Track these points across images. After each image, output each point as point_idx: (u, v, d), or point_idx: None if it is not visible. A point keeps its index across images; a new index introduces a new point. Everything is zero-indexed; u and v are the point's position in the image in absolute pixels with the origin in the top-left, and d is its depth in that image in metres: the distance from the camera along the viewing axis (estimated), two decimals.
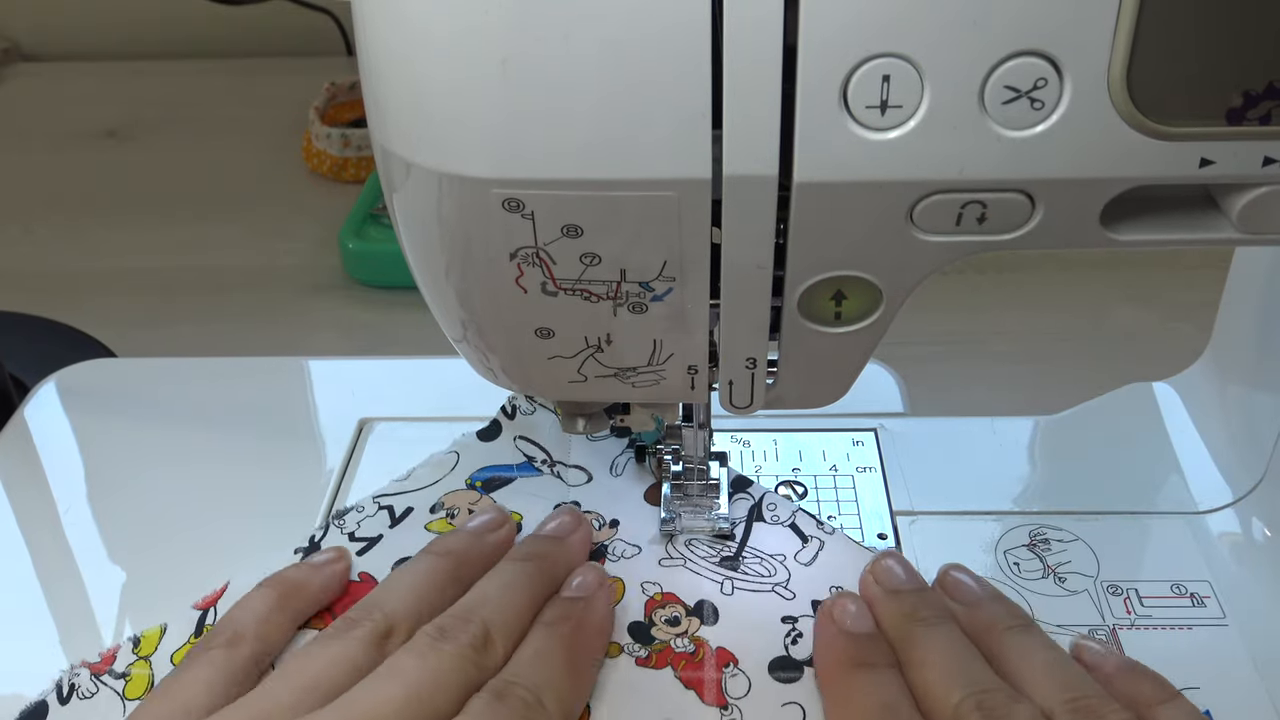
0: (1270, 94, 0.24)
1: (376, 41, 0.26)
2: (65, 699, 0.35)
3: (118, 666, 0.36)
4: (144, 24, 0.97)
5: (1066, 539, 0.42)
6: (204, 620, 0.38)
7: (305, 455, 0.47)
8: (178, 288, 0.67)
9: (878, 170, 0.25)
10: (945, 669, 0.34)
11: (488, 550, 0.38)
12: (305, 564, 0.39)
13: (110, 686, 0.36)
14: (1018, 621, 0.37)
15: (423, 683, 0.32)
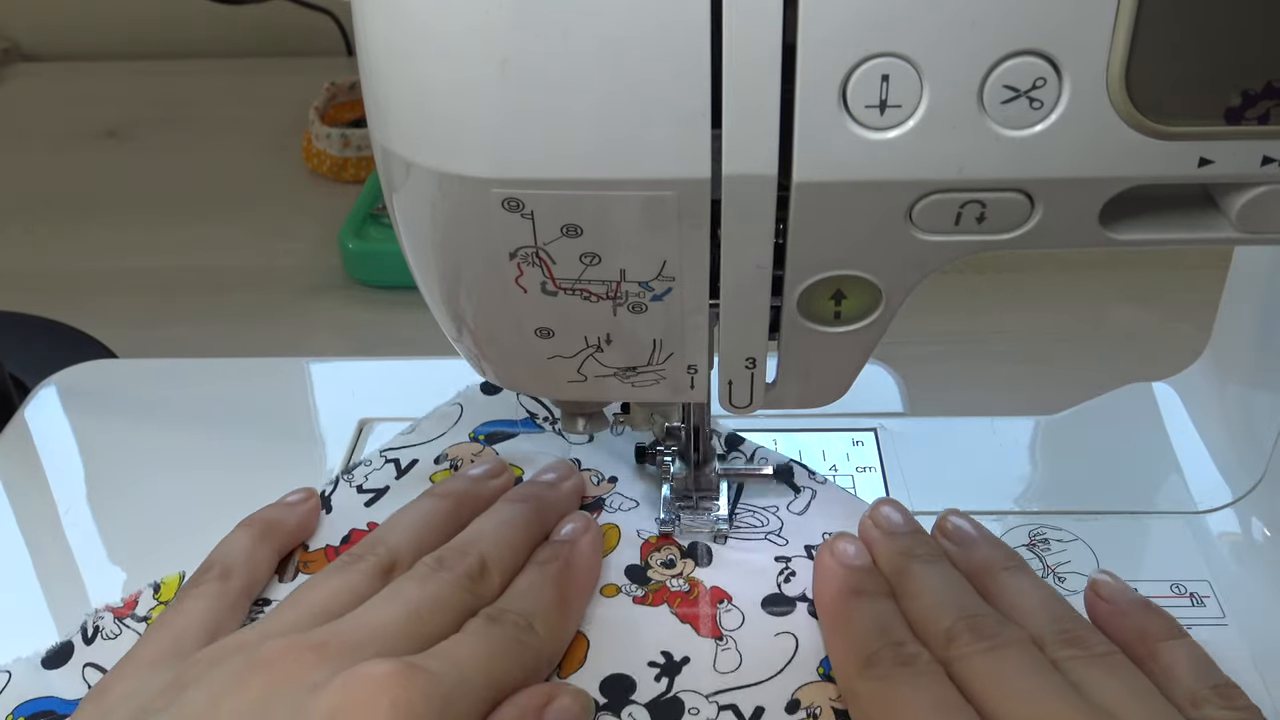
0: (1269, 93, 0.24)
1: (376, 41, 0.26)
2: (90, 640, 0.37)
3: (139, 610, 0.39)
4: (144, 24, 0.97)
5: (1066, 539, 0.42)
6: None
7: (305, 456, 0.47)
8: (178, 288, 0.67)
9: (877, 170, 0.25)
10: (938, 599, 0.36)
11: (485, 494, 0.40)
12: (279, 503, 0.41)
13: (132, 629, 0.38)
14: (1012, 562, 0.38)
15: (422, 603, 0.34)
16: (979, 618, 0.35)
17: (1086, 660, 0.34)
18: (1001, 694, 0.32)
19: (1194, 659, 0.35)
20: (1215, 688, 0.34)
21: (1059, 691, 0.32)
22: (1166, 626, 0.36)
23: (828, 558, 0.38)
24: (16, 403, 0.50)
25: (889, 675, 0.33)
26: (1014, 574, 0.38)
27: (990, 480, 0.44)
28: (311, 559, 0.40)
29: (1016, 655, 0.33)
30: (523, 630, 0.34)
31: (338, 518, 0.42)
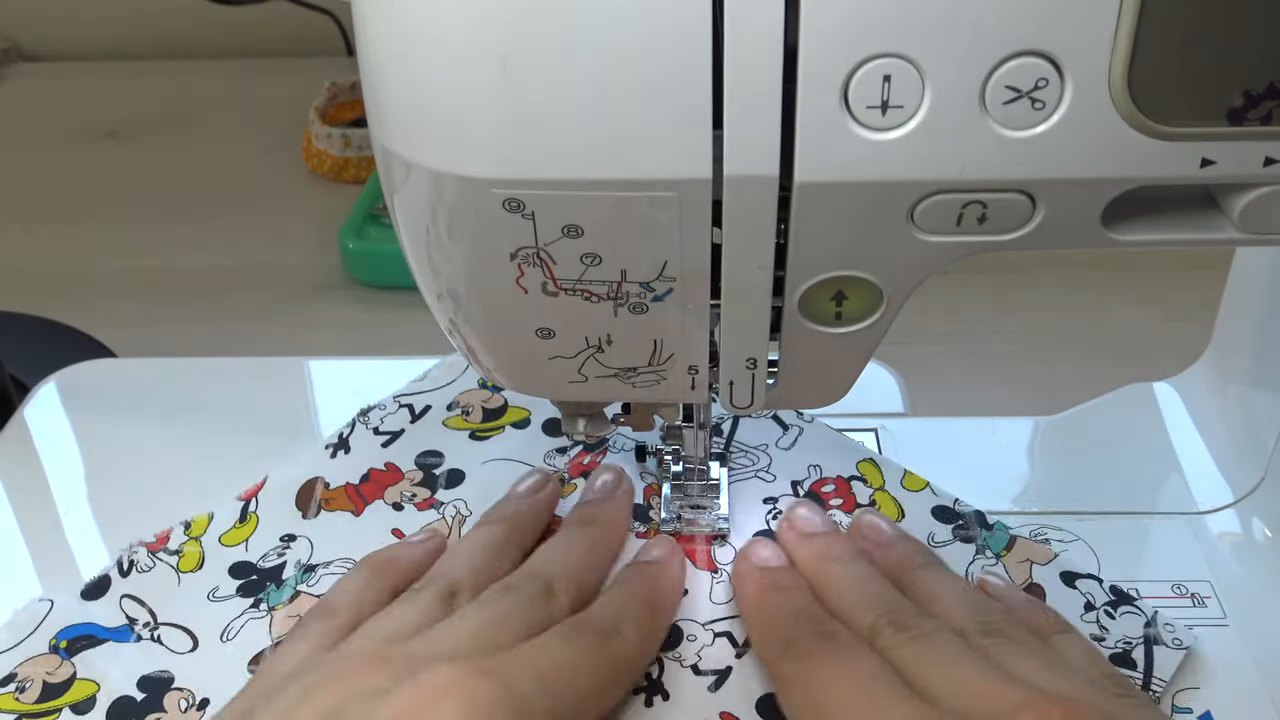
0: (1271, 94, 0.24)
1: (376, 41, 0.26)
2: (125, 573, 0.40)
3: (171, 545, 0.41)
4: (144, 24, 0.97)
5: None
6: (246, 508, 0.43)
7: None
8: (178, 288, 0.67)
9: (878, 170, 0.25)
10: (858, 596, 0.36)
11: (539, 510, 0.41)
12: (401, 543, 0.41)
13: (165, 562, 0.41)
14: (928, 559, 0.39)
15: (489, 621, 0.33)
16: (899, 611, 0.35)
17: (1012, 645, 0.34)
18: (929, 673, 0.32)
19: (1086, 649, 0.35)
20: (1109, 675, 0.34)
21: (984, 667, 0.32)
22: (1057, 621, 0.37)
23: (744, 564, 0.39)
24: (16, 403, 0.50)
25: (809, 652, 0.33)
26: (930, 569, 0.38)
27: (990, 480, 0.44)
28: (333, 496, 0.43)
29: (940, 642, 0.33)
30: (610, 635, 0.34)
31: (356, 458, 0.45)
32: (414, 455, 0.45)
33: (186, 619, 0.38)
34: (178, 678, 0.37)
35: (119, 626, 0.38)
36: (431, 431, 0.46)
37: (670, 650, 0.37)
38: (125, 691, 0.36)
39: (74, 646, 0.37)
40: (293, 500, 0.43)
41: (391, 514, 0.42)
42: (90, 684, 0.36)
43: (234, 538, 0.41)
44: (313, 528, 0.42)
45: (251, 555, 0.41)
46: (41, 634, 0.38)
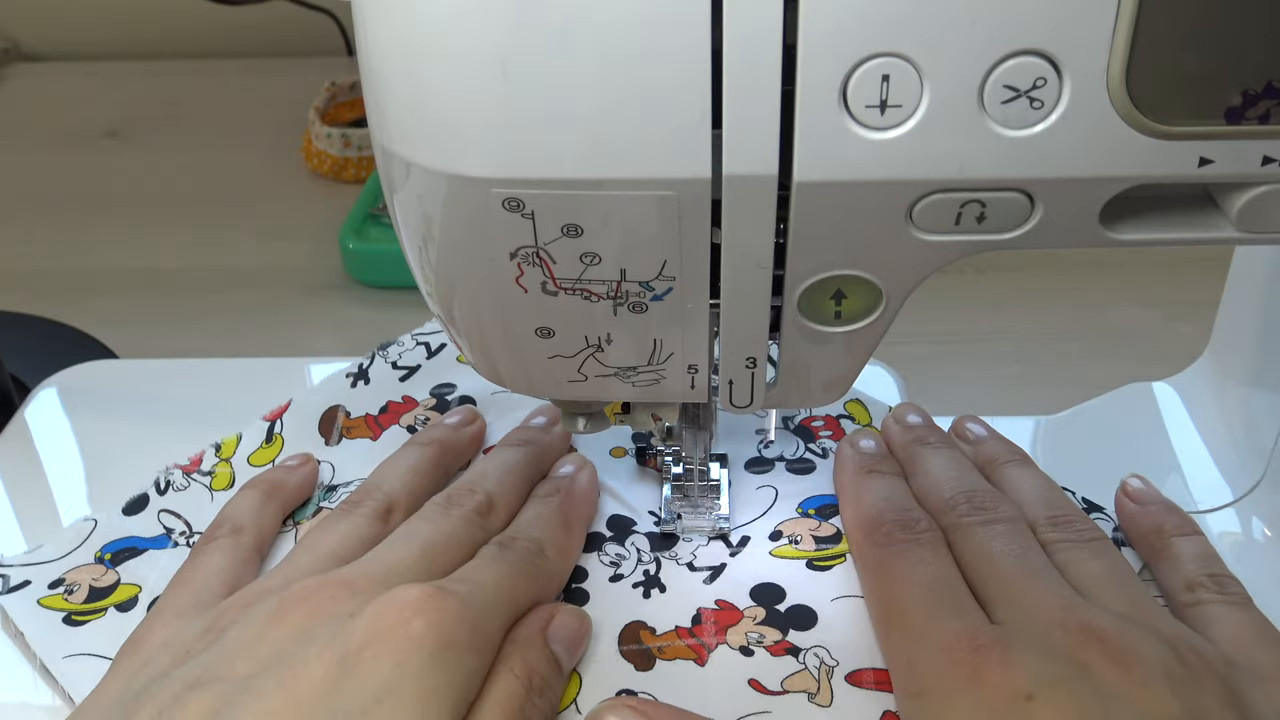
0: (1269, 93, 0.24)
1: (376, 41, 0.26)
2: (163, 491, 0.44)
3: (204, 466, 0.45)
4: (144, 24, 0.97)
5: None
6: (272, 430, 0.46)
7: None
8: (178, 288, 0.67)
9: (877, 170, 0.25)
10: (943, 475, 0.40)
11: (465, 440, 0.44)
12: (280, 466, 0.43)
13: (199, 482, 0.44)
14: (1017, 457, 0.42)
15: (436, 539, 0.36)
16: (977, 492, 0.38)
17: (1074, 544, 0.37)
18: (989, 570, 0.35)
19: (1200, 552, 0.38)
20: (1212, 575, 0.37)
21: (1041, 572, 0.35)
22: (1181, 523, 0.39)
23: (846, 448, 0.42)
24: (16, 403, 0.50)
25: (889, 541, 0.37)
26: (1016, 466, 0.41)
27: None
28: (353, 425, 0.46)
29: (1007, 531, 0.36)
30: (535, 554, 0.37)
31: (375, 390, 0.48)
32: (429, 387, 0.48)
33: None
34: None
35: (157, 536, 0.42)
36: (447, 366, 0.49)
37: (666, 551, 0.41)
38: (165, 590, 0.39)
39: (118, 558, 0.41)
40: (316, 426, 0.46)
41: (407, 436, 0.45)
42: (133, 587, 0.40)
43: (261, 458, 0.45)
44: (334, 453, 0.45)
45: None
46: (87, 548, 0.41)
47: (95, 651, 0.37)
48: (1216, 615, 0.35)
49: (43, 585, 0.39)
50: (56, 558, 0.41)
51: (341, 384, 0.48)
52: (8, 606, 0.39)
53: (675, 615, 0.38)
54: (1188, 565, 0.37)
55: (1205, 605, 0.36)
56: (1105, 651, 0.31)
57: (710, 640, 0.37)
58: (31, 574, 0.40)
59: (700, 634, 0.38)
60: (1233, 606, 0.35)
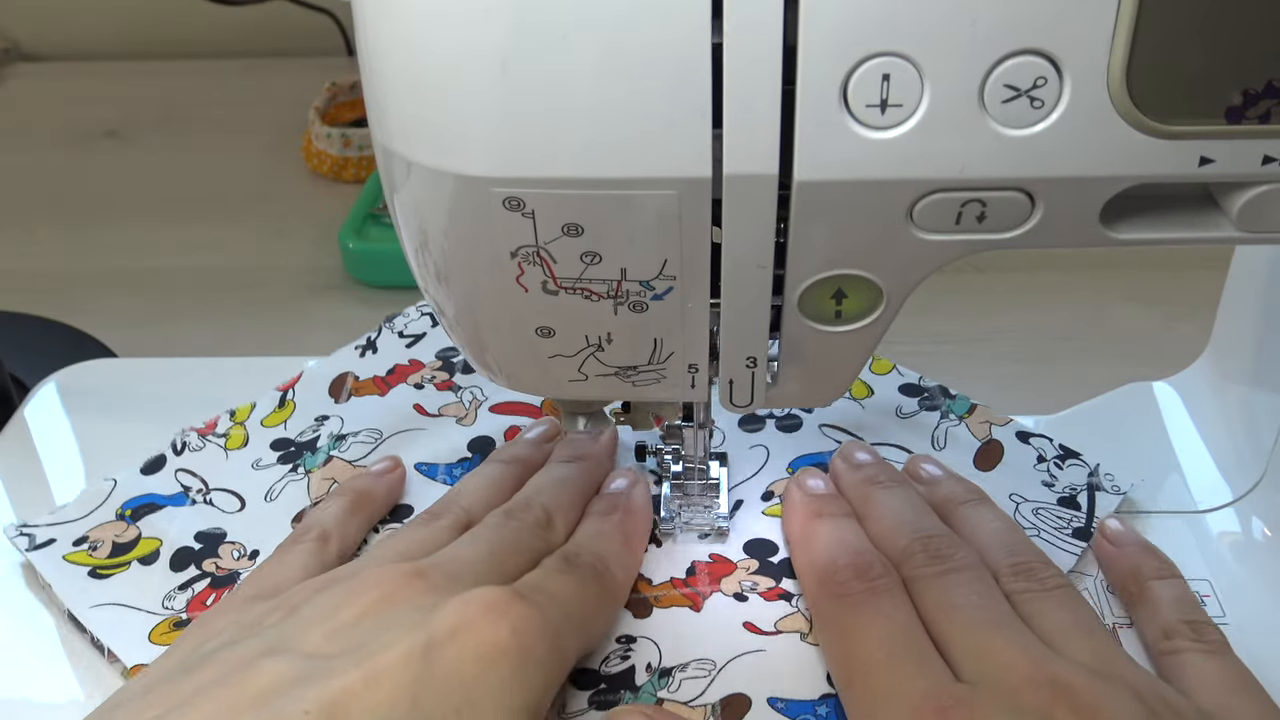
0: (1270, 92, 0.24)
1: (376, 41, 0.26)
2: (179, 452, 0.45)
3: (219, 430, 0.47)
4: (144, 24, 0.97)
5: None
6: (285, 397, 0.48)
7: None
8: (178, 288, 0.67)
9: (878, 169, 0.25)
10: (897, 520, 0.38)
11: (545, 456, 0.43)
12: (368, 473, 0.43)
13: (214, 442, 0.46)
14: (973, 497, 0.41)
15: (501, 545, 0.36)
16: (934, 538, 0.37)
17: (1039, 594, 0.35)
18: (952, 623, 0.34)
19: (1178, 597, 0.37)
20: (1190, 622, 0.36)
21: (1005, 623, 0.34)
22: (1159, 566, 0.39)
23: (795, 490, 0.41)
24: (16, 402, 0.50)
25: (845, 592, 0.35)
26: (974, 506, 0.40)
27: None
28: (361, 385, 0.49)
29: (967, 580, 0.35)
30: (601, 571, 0.36)
31: (383, 356, 0.50)
32: (435, 350, 0.50)
33: (234, 485, 0.44)
34: (229, 533, 0.42)
35: (175, 494, 0.44)
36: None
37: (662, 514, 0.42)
38: (185, 543, 0.41)
39: (138, 514, 0.42)
40: (326, 389, 0.49)
41: (414, 393, 0.48)
42: (154, 540, 0.41)
43: (274, 420, 0.47)
44: (344, 409, 0.47)
45: (290, 433, 0.46)
46: (108, 506, 0.43)
47: (121, 601, 0.39)
48: (1193, 664, 0.34)
49: (67, 543, 0.41)
50: (79, 517, 0.42)
51: (350, 355, 0.51)
52: (35, 562, 0.40)
53: (671, 568, 0.40)
54: (1165, 611, 0.37)
55: (1182, 654, 0.35)
56: (1074, 708, 0.30)
57: (705, 589, 0.39)
58: (56, 533, 0.42)
59: (695, 584, 0.39)
60: (1209, 655, 0.35)
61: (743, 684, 0.36)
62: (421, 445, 0.45)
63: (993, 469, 0.44)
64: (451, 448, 0.45)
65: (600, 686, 0.36)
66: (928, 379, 0.48)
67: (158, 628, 0.38)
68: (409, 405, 0.47)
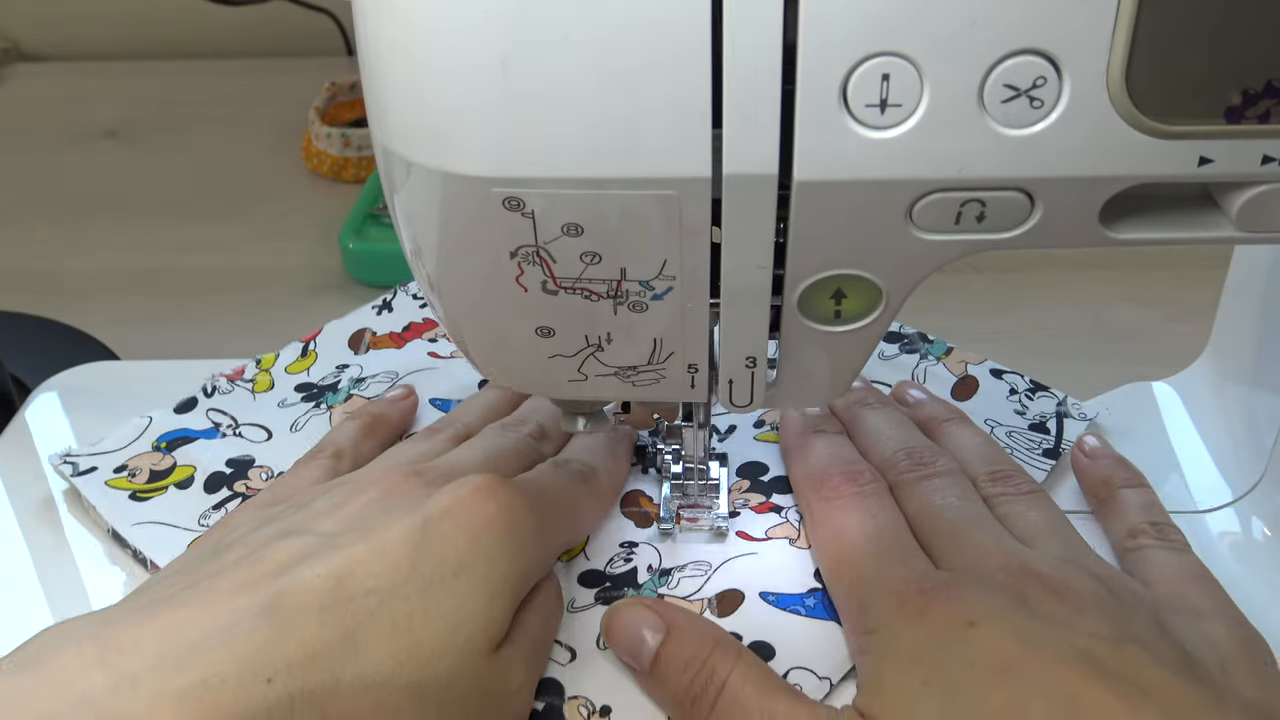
0: (1269, 92, 0.24)
1: (377, 41, 0.26)
2: (209, 394, 0.49)
3: (246, 376, 0.50)
4: (144, 24, 0.97)
5: None
6: (307, 348, 0.52)
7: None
8: (178, 288, 0.67)
9: (877, 169, 0.25)
10: (884, 433, 0.42)
11: None
12: (383, 399, 0.47)
13: (242, 386, 0.50)
14: (954, 415, 0.44)
15: (498, 450, 0.40)
16: (916, 449, 0.41)
17: (1014, 497, 0.39)
18: (932, 523, 0.37)
19: (1144, 502, 0.40)
20: (1154, 523, 0.39)
21: (981, 521, 0.37)
22: (1129, 476, 0.42)
23: (790, 410, 0.44)
24: (17, 403, 0.50)
25: (837, 494, 0.39)
26: (955, 424, 0.43)
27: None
28: (379, 340, 0.52)
29: (947, 484, 0.39)
30: (588, 475, 0.40)
31: (398, 315, 0.54)
32: None
33: (261, 420, 0.48)
34: (258, 459, 0.46)
35: (207, 429, 0.47)
36: None
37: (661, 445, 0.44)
38: (217, 469, 0.45)
39: (173, 445, 0.46)
40: (345, 342, 0.52)
41: (428, 344, 0.52)
42: (188, 468, 0.45)
43: (297, 368, 0.51)
44: (363, 359, 0.51)
45: (312, 378, 0.50)
46: (144, 439, 0.46)
47: (160, 520, 0.42)
48: (1155, 559, 0.37)
49: (108, 470, 0.45)
50: (118, 448, 0.46)
51: (368, 313, 0.54)
52: (79, 486, 0.44)
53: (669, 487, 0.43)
54: (1132, 514, 0.40)
55: (1145, 550, 0.38)
56: (1043, 586, 0.33)
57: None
58: (97, 461, 0.45)
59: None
60: (1171, 551, 0.38)
61: (736, 581, 0.39)
62: (436, 383, 0.49)
63: (968, 399, 0.48)
64: (464, 385, 0.49)
65: (605, 584, 0.40)
66: (908, 327, 0.52)
67: (195, 542, 0.41)
68: (424, 353, 0.51)
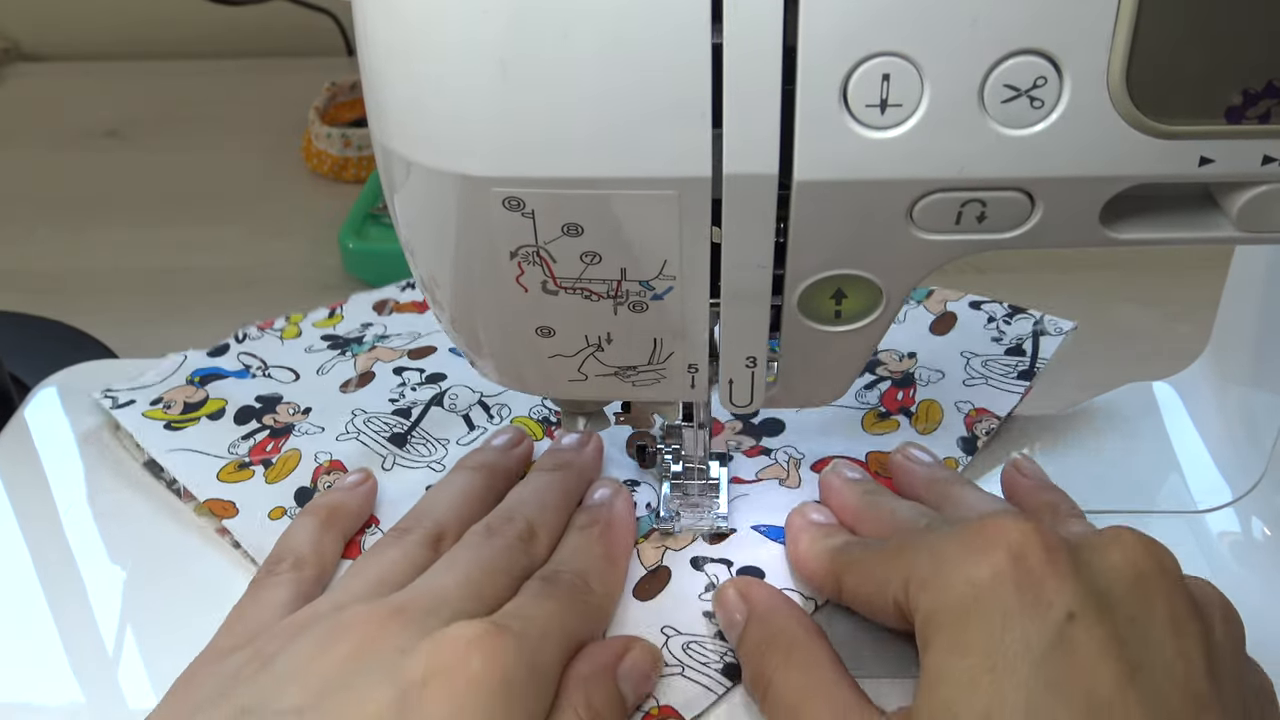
0: (1269, 92, 0.24)
1: (376, 41, 0.26)
2: (240, 340, 0.52)
3: (275, 327, 0.53)
4: (144, 24, 0.97)
5: None
6: (334, 311, 0.55)
7: None
8: (178, 288, 0.67)
9: (877, 169, 0.25)
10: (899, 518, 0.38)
11: (514, 462, 0.43)
12: (338, 488, 0.42)
13: (271, 335, 0.52)
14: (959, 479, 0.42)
15: (480, 568, 0.35)
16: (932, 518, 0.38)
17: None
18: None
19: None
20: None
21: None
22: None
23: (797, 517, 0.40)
24: (16, 403, 0.50)
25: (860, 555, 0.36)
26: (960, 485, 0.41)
27: (992, 479, 0.44)
28: (402, 307, 0.55)
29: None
30: (582, 590, 0.36)
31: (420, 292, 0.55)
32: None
33: (289, 363, 0.50)
34: (285, 396, 0.48)
35: (238, 370, 0.50)
36: None
37: None
38: (246, 403, 0.47)
39: (205, 380, 0.49)
40: (370, 307, 0.55)
41: None
42: (220, 401, 0.47)
43: (324, 324, 0.53)
44: (386, 319, 0.54)
45: (339, 332, 0.53)
46: (179, 375, 0.49)
47: (192, 447, 0.45)
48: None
49: (145, 403, 0.47)
50: (155, 383, 0.49)
51: (393, 289, 0.56)
52: (119, 417, 0.46)
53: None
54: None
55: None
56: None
57: None
58: (135, 395, 0.48)
59: None
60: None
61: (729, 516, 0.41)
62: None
63: (946, 334, 0.49)
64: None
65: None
66: None
67: (225, 468, 0.44)
68: None
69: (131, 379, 0.49)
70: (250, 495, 0.43)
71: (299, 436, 0.45)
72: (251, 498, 0.42)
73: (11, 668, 0.38)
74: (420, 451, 0.45)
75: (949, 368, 0.47)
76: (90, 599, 0.40)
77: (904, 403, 0.46)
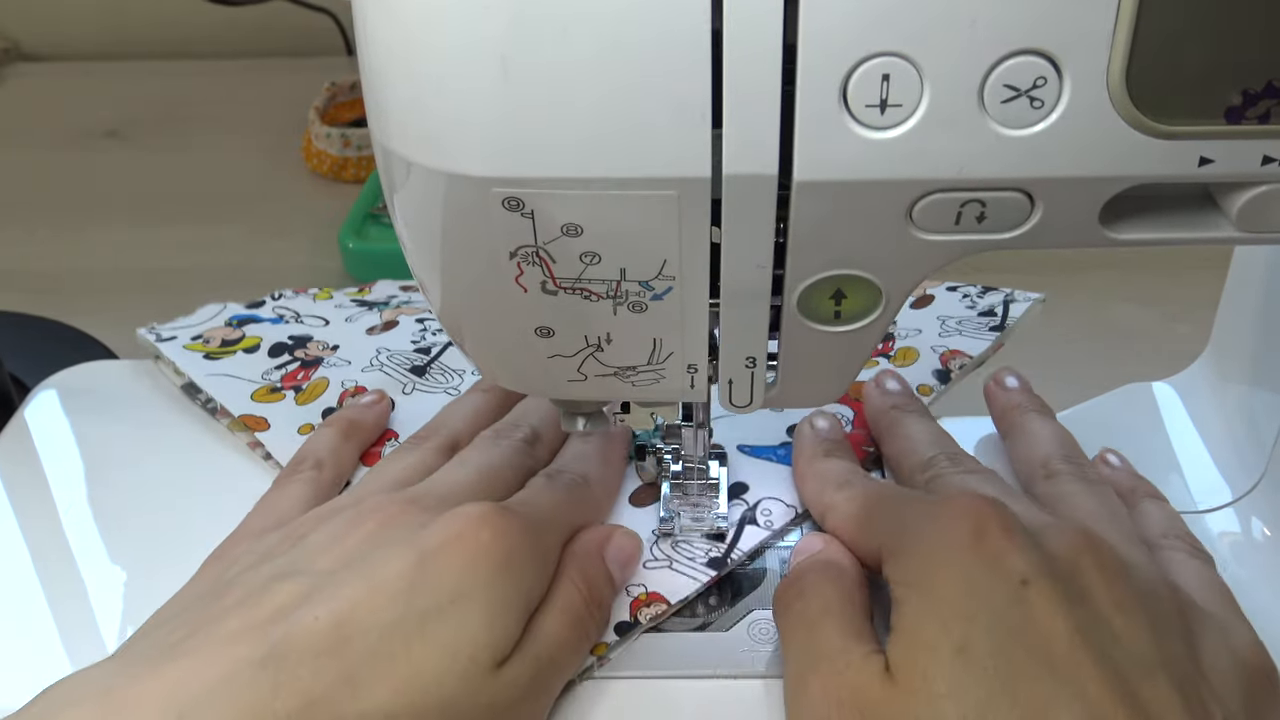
0: (1269, 93, 0.24)
1: (376, 40, 0.26)
2: (277, 298, 0.56)
3: (308, 291, 0.57)
4: (144, 24, 0.97)
5: None
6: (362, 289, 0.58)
7: None
8: (178, 288, 0.67)
9: (877, 169, 0.25)
10: (922, 439, 0.42)
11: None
12: (357, 405, 0.46)
13: (305, 296, 0.56)
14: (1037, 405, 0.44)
15: (490, 465, 0.40)
16: (959, 453, 0.41)
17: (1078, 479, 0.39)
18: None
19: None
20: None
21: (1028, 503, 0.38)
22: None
23: (804, 426, 0.44)
24: (16, 403, 0.50)
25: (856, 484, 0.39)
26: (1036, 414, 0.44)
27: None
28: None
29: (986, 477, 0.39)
30: (581, 485, 0.40)
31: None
32: None
33: (320, 314, 0.54)
34: (315, 336, 0.52)
35: (273, 318, 0.54)
36: None
37: None
38: (279, 340, 0.51)
39: (242, 323, 0.53)
40: (397, 288, 0.58)
41: None
42: (255, 338, 0.51)
43: (354, 295, 0.57)
44: (411, 294, 0.57)
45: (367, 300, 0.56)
46: (219, 319, 0.53)
47: (230, 374, 0.48)
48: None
49: (186, 338, 0.51)
50: (196, 324, 0.52)
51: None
52: (162, 349, 0.50)
53: None
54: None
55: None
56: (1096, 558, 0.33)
57: None
58: (177, 332, 0.51)
59: None
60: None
61: (716, 436, 0.44)
62: None
63: (925, 308, 0.52)
64: None
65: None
66: None
67: (258, 391, 0.48)
68: None
69: (174, 320, 0.53)
70: (281, 413, 0.47)
71: (328, 368, 0.50)
72: (283, 415, 0.47)
73: (11, 668, 0.38)
74: (438, 379, 0.49)
75: (926, 327, 0.51)
76: (90, 599, 0.40)
77: (883, 350, 0.50)
